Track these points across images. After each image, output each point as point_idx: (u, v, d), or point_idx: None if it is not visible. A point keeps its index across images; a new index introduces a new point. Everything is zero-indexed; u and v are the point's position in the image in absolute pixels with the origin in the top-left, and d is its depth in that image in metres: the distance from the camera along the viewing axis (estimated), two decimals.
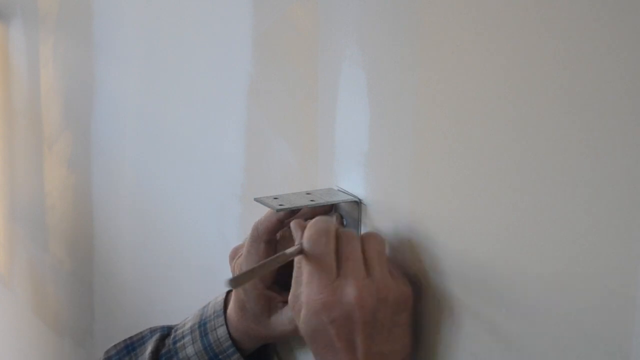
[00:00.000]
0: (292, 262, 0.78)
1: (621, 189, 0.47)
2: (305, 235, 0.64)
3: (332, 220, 0.67)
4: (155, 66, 1.07)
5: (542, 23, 0.51)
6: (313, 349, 0.64)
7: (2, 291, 1.91)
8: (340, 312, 0.61)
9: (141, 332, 0.83)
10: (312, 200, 0.70)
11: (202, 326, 0.78)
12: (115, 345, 0.83)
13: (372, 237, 0.65)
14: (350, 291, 0.61)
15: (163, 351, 0.79)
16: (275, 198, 0.71)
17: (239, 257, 0.77)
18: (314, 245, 0.63)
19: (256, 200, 0.71)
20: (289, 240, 0.74)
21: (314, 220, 0.65)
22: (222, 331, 0.77)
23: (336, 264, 0.63)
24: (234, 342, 0.77)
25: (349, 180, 0.71)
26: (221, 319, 0.78)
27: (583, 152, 0.49)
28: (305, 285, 0.63)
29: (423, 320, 0.65)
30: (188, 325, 0.80)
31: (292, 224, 0.67)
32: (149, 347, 0.80)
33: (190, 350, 0.78)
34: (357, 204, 0.69)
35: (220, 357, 0.77)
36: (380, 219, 0.68)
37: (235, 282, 0.62)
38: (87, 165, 1.32)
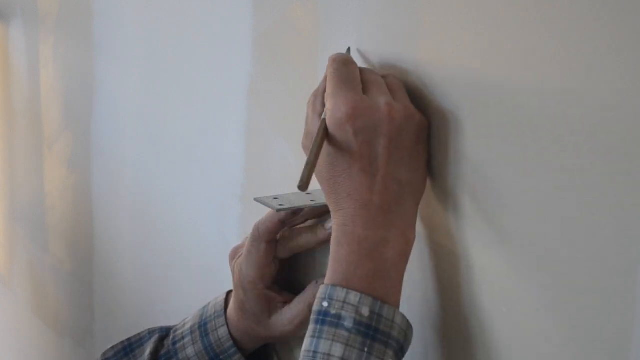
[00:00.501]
0: (290, 263, 0.78)
1: (621, 189, 0.47)
2: (330, 58, 0.62)
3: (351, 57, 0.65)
4: (155, 66, 1.07)
5: (542, 23, 0.51)
6: (327, 184, 0.60)
7: (2, 291, 1.91)
8: (367, 121, 0.58)
9: (139, 334, 0.83)
10: (312, 200, 0.70)
11: (203, 326, 0.78)
12: (112, 347, 0.82)
13: (390, 75, 0.63)
14: (379, 101, 0.58)
15: (162, 352, 0.79)
16: (275, 198, 0.71)
17: (239, 257, 0.77)
18: (338, 67, 0.61)
19: (256, 200, 0.71)
20: (289, 241, 0.74)
21: (335, 54, 0.63)
22: (223, 331, 0.77)
23: (361, 88, 0.60)
24: (235, 343, 0.77)
25: None
26: (222, 319, 0.78)
27: (583, 152, 0.49)
28: (330, 97, 0.60)
29: None
30: (188, 326, 0.80)
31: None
32: (148, 349, 0.80)
33: (190, 350, 0.78)
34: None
35: (221, 357, 0.77)
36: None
37: (304, 182, 0.56)
38: (87, 165, 1.32)
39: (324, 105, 0.62)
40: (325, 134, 0.59)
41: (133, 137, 1.16)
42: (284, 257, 0.76)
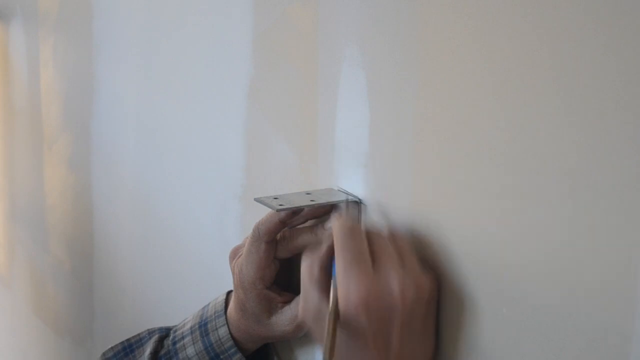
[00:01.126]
0: (290, 263, 0.78)
1: (621, 189, 0.47)
2: (336, 228, 0.60)
3: (355, 220, 0.64)
4: (155, 66, 1.07)
5: (542, 23, 0.51)
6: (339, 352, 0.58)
7: (2, 291, 1.91)
8: (380, 308, 0.56)
9: (139, 334, 0.83)
10: (312, 200, 0.70)
11: (203, 326, 0.78)
12: (112, 348, 0.82)
13: (397, 235, 0.62)
14: (393, 284, 0.57)
15: (162, 352, 0.79)
16: (276, 198, 0.71)
17: (239, 257, 0.77)
18: (345, 242, 0.59)
19: (256, 200, 0.71)
20: (289, 241, 0.74)
21: (337, 215, 0.62)
22: (223, 331, 0.77)
23: (371, 261, 0.58)
24: (235, 342, 0.77)
25: (349, 180, 0.71)
26: (222, 319, 0.78)
27: (583, 152, 0.49)
28: (341, 280, 0.57)
29: None
30: (188, 326, 0.80)
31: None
32: (148, 349, 0.80)
33: (190, 350, 0.78)
34: (357, 204, 0.69)
35: (221, 357, 0.77)
36: (380, 219, 0.68)
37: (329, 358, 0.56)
38: (87, 165, 1.32)
39: (325, 274, 0.61)
40: (337, 319, 0.57)
41: (133, 137, 1.16)
42: (284, 257, 0.76)
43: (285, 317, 0.75)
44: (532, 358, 0.55)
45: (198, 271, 1.01)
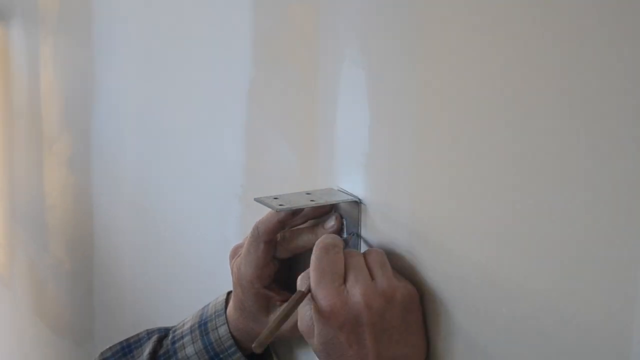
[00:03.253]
0: (290, 262, 0.78)
1: (621, 189, 0.47)
2: (317, 244, 0.65)
3: (337, 237, 0.68)
4: (155, 66, 1.07)
5: (542, 23, 0.51)
6: None
7: (2, 291, 1.91)
8: (348, 316, 0.61)
9: (137, 334, 0.83)
10: (312, 200, 0.70)
11: (203, 326, 0.78)
12: (110, 348, 0.82)
13: (373, 250, 0.66)
14: (356, 293, 0.62)
15: (161, 352, 0.79)
16: (276, 198, 0.71)
17: (239, 256, 0.77)
18: (321, 258, 0.64)
19: (256, 200, 0.71)
20: (290, 241, 0.74)
21: (322, 237, 0.67)
22: (223, 330, 0.77)
23: (343, 276, 0.63)
24: (235, 342, 0.77)
25: (349, 180, 0.71)
26: (222, 318, 0.78)
27: (583, 153, 0.49)
28: (313, 290, 0.64)
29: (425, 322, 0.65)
30: (187, 326, 0.80)
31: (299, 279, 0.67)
32: (147, 349, 0.80)
33: (190, 350, 0.78)
34: (357, 204, 0.69)
35: (221, 356, 0.77)
36: (380, 219, 0.68)
37: (261, 343, 0.62)
38: (87, 165, 1.33)
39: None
40: (294, 308, 0.64)
41: (133, 137, 1.16)
42: (284, 258, 0.76)
43: None
44: (533, 359, 0.55)
45: (198, 271, 1.01)
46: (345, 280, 0.63)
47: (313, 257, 0.65)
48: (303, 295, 0.64)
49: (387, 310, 0.61)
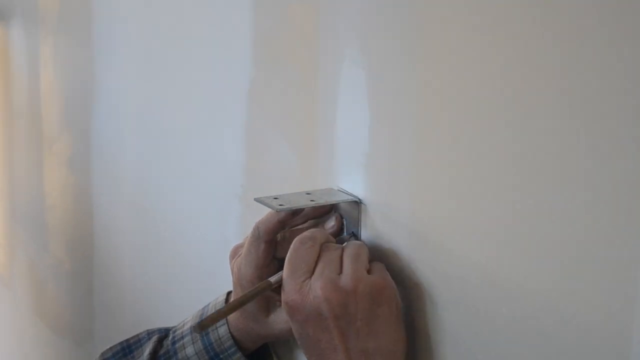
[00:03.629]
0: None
1: (621, 189, 0.47)
2: (290, 247, 0.66)
3: (319, 231, 0.68)
4: (155, 66, 1.07)
5: (542, 23, 0.51)
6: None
7: (2, 291, 1.91)
8: (309, 310, 0.62)
9: (138, 335, 0.83)
10: (312, 200, 0.70)
11: None
12: (111, 348, 0.82)
13: (351, 243, 0.67)
14: (316, 287, 0.62)
15: (161, 352, 0.79)
16: (276, 198, 0.71)
17: (239, 256, 0.77)
18: (292, 253, 0.65)
19: (256, 200, 0.71)
20: (289, 242, 0.74)
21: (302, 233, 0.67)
22: (223, 330, 0.77)
23: (312, 271, 0.64)
24: (235, 342, 0.77)
25: (349, 180, 0.71)
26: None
27: (583, 153, 0.49)
28: (283, 285, 0.65)
29: (419, 319, 0.65)
30: (188, 326, 0.80)
31: None
32: (147, 349, 0.80)
33: (190, 350, 0.78)
34: (357, 204, 0.69)
35: (221, 356, 0.77)
36: (380, 219, 0.68)
37: (202, 325, 0.64)
38: (87, 165, 1.33)
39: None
40: (253, 297, 0.66)
41: (133, 137, 1.16)
42: (284, 258, 0.76)
43: (283, 316, 0.75)
44: (533, 359, 0.55)
45: (198, 271, 1.01)
46: (311, 275, 0.64)
47: (289, 250, 0.66)
48: (267, 285, 0.66)
49: (349, 303, 0.62)
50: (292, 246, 0.66)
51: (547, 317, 0.53)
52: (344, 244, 0.67)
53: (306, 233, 0.67)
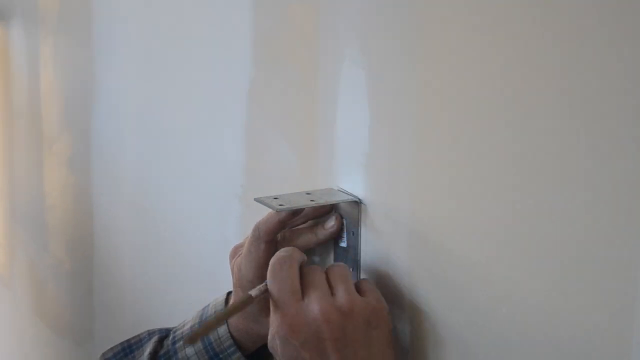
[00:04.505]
0: None
1: (621, 189, 0.47)
2: (269, 268, 0.66)
3: (295, 250, 0.68)
4: (155, 66, 1.07)
5: (542, 23, 0.51)
6: None
7: (2, 291, 1.91)
8: (308, 333, 0.62)
9: (139, 335, 0.83)
10: (312, 200, 0.70)
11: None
12: (112, 348, 0.82)
13: (335, 266, 0.67)
14: (314, 308, 0.62)
15: (161, 352, 0.79)
16: (276, 198, 0.71)
17: (239, 256, 0.77)
18: (275, 273, 0.64)
19: (256, 200, 0.71)
20: (290, 242, 0.74)
21: (276, 253, 0.67)
22: (222, 330, 0.77)
23: (300, 291, 0.64)
24: (235, 342, 0.77)
25: (349, 180, 0.71)
26: None
27: (583, 153, 0.49)
28: (272, 315, 0.64)
29: (419, 319, 0.65)
30: (188, 326, 0.80)
31: None
32: (147, 349, 0.80)
33: (190, 350, 0.78)
34: (357, 204, 0.69)
35: (220, 356, 0.77)
36: (380, 219, 0.68)
37: (193, 337, 0.65)
38: (87, 165, 1.33)
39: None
40: (237, 310, 0.66)
41: (133, 137, 1.16)
42: None
43: None
44: (533, 359, 0.55)
45: (198, 271, 1.01)
46: (304, 297, 0.63)
47: (268, 274, 0.65)
48: (249, 300, 0.65)
49: (347, 324, 0.62)
50: (271, 267, 0.65)
51: (547, 317, 0.53)
52: (327, 267, 0.67)
53: (282, 252, 0.66)
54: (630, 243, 0.47)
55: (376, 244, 0.69)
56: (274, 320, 0.64)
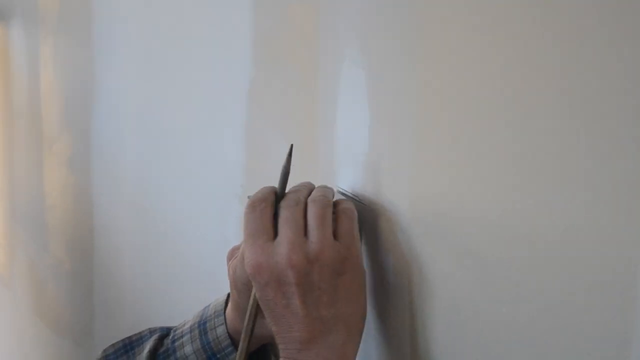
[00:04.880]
0: None
1: (621, 189, 0.47)
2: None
3: (271, 193, 0.66)
4: (155, 66, 1.07)
5: (542, 23, 0.51)
6: (270, 324, 0.64)
7: (2, 291, 1.91)
8: (271, 275, 0.61)
9: (140, 333, 0.83)
10: None
11: (202, 325, 0.79)
12: (113, 345, 0.83)
13: (317, 201, 0.65)
14: (281, 251, 0.61)
15: (161, 350, 0.80)
16: None
17: (235, 258, 0.77)
18: (248, 213, 0.64)
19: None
20: None
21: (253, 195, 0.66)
22: (221, 330, 0.77)
23: (273, 230, 0.63)
24: (233, 342, 0.77)
25: (349, 180, 0.71)
26: (221, 318, 0.78)
27: (583, 153, 0.49)
28: (244, 251, 0.64)
29: (419, 318, 0.65)
30: (188, 325, 0.80)
31: None
32: (147, 346, 0.80)
33: (188, 349, 0.78)
34: (357, 204, 0.69)
35: (218, 356, 0.77)
36: (381, 219, 0.68)
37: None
38: (87, 165, 1.33)
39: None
40: (255, 321, 0.68)
41: (133, 137, 1.16)
42: None
43: None
44: (533, 359, 0.55)
45: (198, 271, 1.01)
46: (277, 235, 0.62)
47: (243, 218, 0.64)
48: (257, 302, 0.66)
49: (312, 270, 0.61)
50: (244, 214, 0.64)
51: (547, 317, 0.53)
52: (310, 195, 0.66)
53: (257, 194, 0.65)
54: (630, 243, 0.47)
55: (376, 244, 0.69)
56: (244, 257, 0.63)
